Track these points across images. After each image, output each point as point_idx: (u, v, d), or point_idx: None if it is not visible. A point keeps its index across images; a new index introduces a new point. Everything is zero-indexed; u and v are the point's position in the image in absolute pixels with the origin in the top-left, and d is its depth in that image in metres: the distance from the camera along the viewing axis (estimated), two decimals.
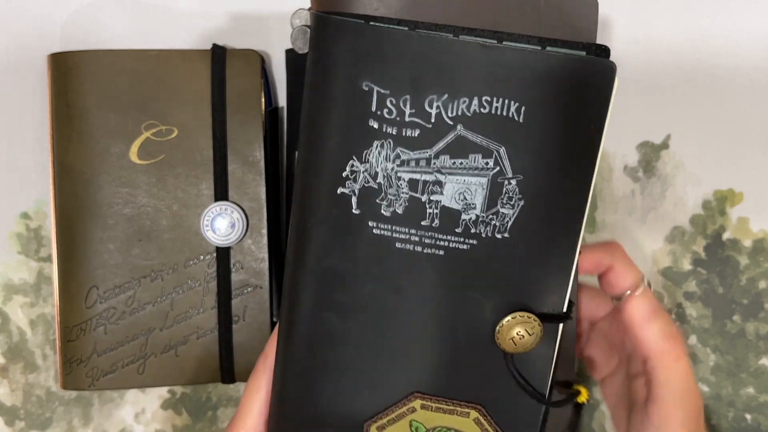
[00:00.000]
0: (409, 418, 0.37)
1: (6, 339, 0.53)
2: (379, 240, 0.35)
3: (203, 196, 0.49)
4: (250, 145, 0.49)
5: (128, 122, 0.49)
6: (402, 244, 0.35)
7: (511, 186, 0.34)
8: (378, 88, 0.33)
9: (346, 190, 0.35)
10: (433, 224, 0.35)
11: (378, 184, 0.34)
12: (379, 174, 0.34)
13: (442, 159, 0.34)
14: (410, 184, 0.34)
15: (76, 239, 0.49)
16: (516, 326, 0.35)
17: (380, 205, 0.35)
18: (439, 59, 0.33)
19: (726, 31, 0.52)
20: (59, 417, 0.53)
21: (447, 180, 0.34)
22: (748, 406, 0.53)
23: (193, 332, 0.50)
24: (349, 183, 0.34)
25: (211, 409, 0.53)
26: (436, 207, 0.35)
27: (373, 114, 0.33)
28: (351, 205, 0.35)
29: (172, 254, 0.49)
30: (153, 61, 0.49)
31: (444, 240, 0.35)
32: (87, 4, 0.52)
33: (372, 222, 0.35)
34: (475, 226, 0.35)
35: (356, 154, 0.34)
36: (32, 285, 0.53)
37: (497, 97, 0.33)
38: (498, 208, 0.35)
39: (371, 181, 0.34)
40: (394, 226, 0.35)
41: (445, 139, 0.34)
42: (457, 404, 0.37)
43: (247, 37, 0.52)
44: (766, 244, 0.52)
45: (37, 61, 0.52)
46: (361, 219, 0.35)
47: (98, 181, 0.49)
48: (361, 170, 0.34)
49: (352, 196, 0.35)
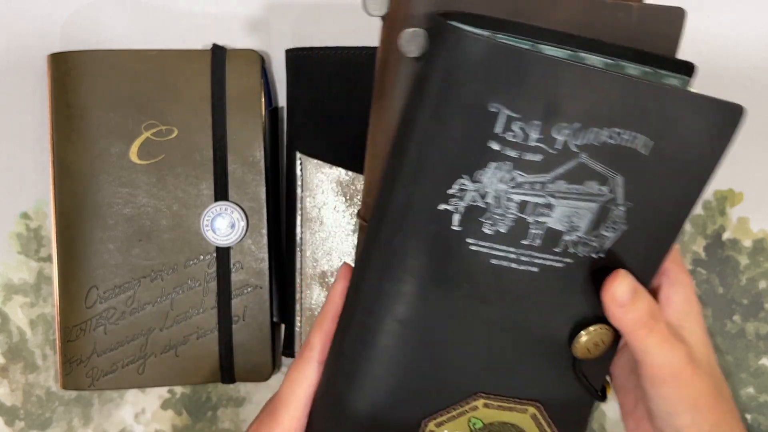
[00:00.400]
0: (469, 416, 0.38)
1: (6, 339, 0.53)
2: (474, 256, 0.35)
3: (203, 196, 0.49)
4: (250, 145, 0.49)
5: (128, 122, 0.49)
6: (497, 260, 0.35)
7: (618, 212, 0.35)
8: (508, 112, 0.32)
9: (450, 207, 0.34)
10: (534, 243, 0.35)
11: (486, 203, 0.34)
12: (489, 194, 0.34)
13: (558, 184, 0.34)
14: (519, 206, 0.34)
15: (76, 239, 0.49)
16: (596, 336, 0.37)
17: (483, 223, 0.34)
18: (579, 89, 0.32)
19: (726, 31, 0.52)
20: (59, 417, 0.53)
21: (558, 204, 0.34)
22: (748, 406, 0.53)
23: (193, 332, 0.50)
24: (453, 200, 0.34)
25: (211, 409, 0.53)
26: (541, 228, 0.35)
27: (494, 135, 0.32)
28: (451, 222, 0.34)
29: (172, 254, 0.49)
30: (153, 61, 0.49)
31: (541, 258, 0.35)
32: (87, 4, 0.52)
33: (471, 239, 0.35)
34: (575, 246, 0.35)
35: (467, 173, 0.33)
36: (32, 285, 0.53)
37: (629, 130, 0.33)
38: (600, 231, 0.35)
39: (479, 200, 0.34)
40: (493, 243, 0.35)
41: (566, 165, 0.34)
42: (516, 401, 0.38)
43: (247, 37, 0.52)
44: (766, 244, 0.52)
45: (37, 61, 0.52)
46: (460, 236, 0.34)
47: (98, 181, 0.49)
48: (471, 189, 0.33)
49: (454, 214, 0.34)
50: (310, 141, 0.50)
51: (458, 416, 0.38)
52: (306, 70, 0.49)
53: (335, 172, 0.50)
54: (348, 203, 0.49)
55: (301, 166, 0.50)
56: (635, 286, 0.35)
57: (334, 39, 0.52)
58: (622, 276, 0.35)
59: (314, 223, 0.50)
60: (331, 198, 0.50)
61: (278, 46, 0.52)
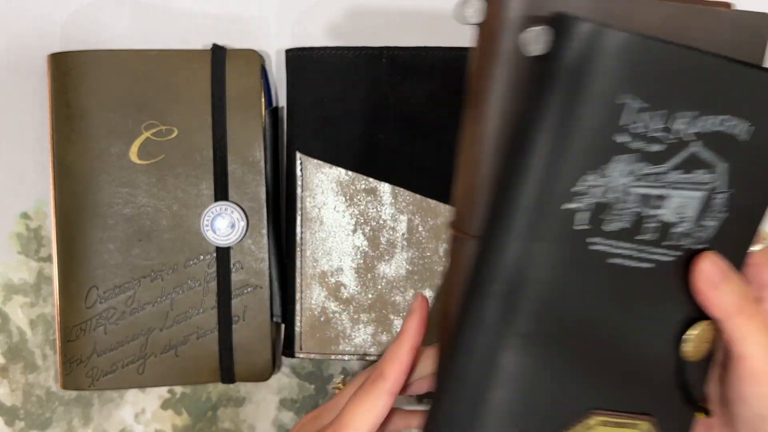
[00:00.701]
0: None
1: (6, 339, 0.53)
2: (593, 256, 0.34)
3: (203, 196, 0.49)
4: (250, 145, 0.49)
5: (128, 122, 0.49)
6: (614, 259, 0.35)
7: (720, 200, 0.35)
8: (637, 103, 0.32)
9: (573, 206, 0.33)
10: (648, 238, 0.35)
11: (608, 199, 0.33)
12: (611, 190, 0.33)
13: (674, 174, 0.34)
14: (638, 199, 0.34)
15: (76, 239, 0.49)
16: (704, 334, 0.36)
17: (605, 221, 0.34)
18: (702, 78, 0.33)
19: None
20: (59, 417, 0.53)
21: (672, 195, 0.35)
22: None
23: (193, 332, 0.50)
24: (577, 198, 0.33)
25: (211, 409, 0.53)
26: (654, 221, 0.35)
27: (620, 128, 0.32)
28: (573, 221, 0.33)
29: (172, 254, 0.49)
30: (153, 61, 0.49)
31: (655, 253, 0.35)
32: (87, 4, 0.52)
33: (591, 238, 0.34)
34: (684, 238, 0.35)
35: (593, 169, 0.33)
36: (32, 285, 0.53)
37: (736, 117, 0.34)
38: (704, 221, 0.36)
39: (602, 196, 0.33)
40: (612, 241, 0.34)
41: (681, 155, 0.34)
42: (630, 416, 0.37)
43: (247, 37, 0.52)
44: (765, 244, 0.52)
45: (37, 61, 0.52)
46: (580, 235, 0.34)
47: (98, 181, 0.49)
48: (596, 185, 0.33)
49: (577, 212, 0.33)
50: (310, 141, 0.50)
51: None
52: (306, 70, 0.50)
53: (335, 172, 0.50)
54: (348, 203, 0.50)
55: (301, 166, 0.50)
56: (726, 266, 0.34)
57: (334, 39, 0.52)
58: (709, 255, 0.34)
59: (314, 223, 0.50)
60: (331, 198, 0.50)
61: (278, 46, 0.52)
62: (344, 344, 0.50)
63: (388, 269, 0.50)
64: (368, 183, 0.50)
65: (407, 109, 0.49)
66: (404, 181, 0.49)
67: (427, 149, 0.49)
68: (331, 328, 0.50)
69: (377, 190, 0.50)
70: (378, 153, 0.49)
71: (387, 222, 0.49)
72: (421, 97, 0.49)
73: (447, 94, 0.49)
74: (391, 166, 0.49)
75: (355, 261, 0.50)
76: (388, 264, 0.50)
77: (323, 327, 0.50)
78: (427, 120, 0.49)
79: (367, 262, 0.50)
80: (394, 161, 0.49)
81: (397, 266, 0.50)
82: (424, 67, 0.49)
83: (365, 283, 0.50)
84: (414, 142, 0.49)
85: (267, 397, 0.53)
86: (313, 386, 0.53)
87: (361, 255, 0.50)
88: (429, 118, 0.49)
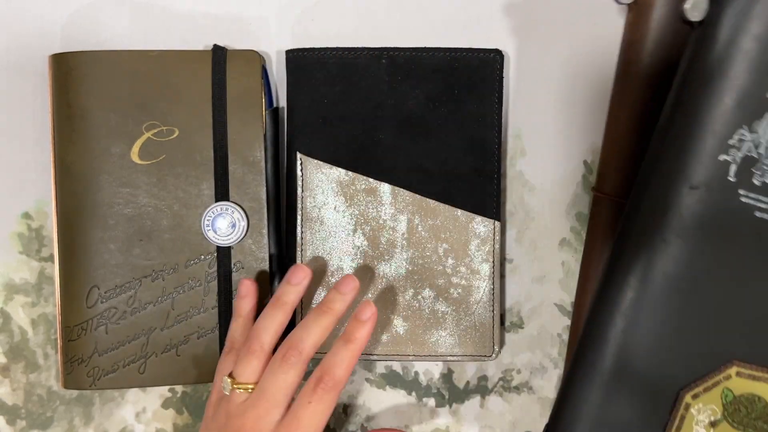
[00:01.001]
0: (723, 386, 0.40)
1: (7, 338, 0.53)
2: (743, 208, 0.38)
3: (204, 196, 0.49)
4: (250, 145, 0.49)
5: (129, 122, 0.49)
6: (762, 213, 0.38)
7: None
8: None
9: (729, 158, 0.38)
10: None
11: (759, 153, 0.38)
12: (762, 144, 0.38)
13: None
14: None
15: (77, 239, 0.49)
16: None
17: (754, 174, 0.38)
18: None
19: None
20: (60, 416, 0.53)
21: None
22: None
23: (194, 332, 0.50)
24: (732, 151, 0.38)
25: None
26: None
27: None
28: (728, 172, 0.38)
29: (173, 254, 0.49)
30: (154, 61, 0.49)
31: None
32: (87, 4, 0.52)
33: (742, 190, 0.38)
34: None
35: (746, 123, 0.37)
36: (33, 285, 0.53)
37: None
38: None
39: (753, 150, 0.37)
40: (760, 195, 0.38)
41: None
42: (767, 371, 0.40)
43: (248, 37, 0.52)
44: None
45: (38, 62, 0.52)
46: (734, 187, 0.38)
47: (99, 181, 0.49)
48: (748, 139, 0.37)
49: (732, 164, 0.38)
50: (311, 141, 0.50)
51: (713, 386, 0.40)
52: (306, 70, 0.50)
53: (335, 172, 0.50)
54: (348, 203, 0.50)
55: (302, 166, 0.50)
56: None
57: (334, 39, 0.52)
58: None
59: (314, 222, 0.50)
60: (331, 198, 0.50)
61: (278, 47, 0.52)
62: None
63: (388, 269, 0.50)
64: (368, 183, 0.50)
65: (407, 110, 0.49)
66: (404, 181, 0.50)
67: (427, 149, 0.49)
68: None
69: (377, 190, 0.50)
70: (378, 153, 0.50)
71: (387, 222, 0.50)
72: (420, 98, 0.49)
73: (447, 95, 0.49)
74: (391, 166, 0.50)
75: (355, 261, 0.50)
76: (388, 264, 0.50)
77: None
78: (427, 120, 0.49)
79: (367, 262, 0.50)
80: (394, 161, 0.50)
81: (397, 266, 0.50)
82: (424, 67, 0.49)
83: (365, 283, 0.50)
84: (414, 142, 0.49)
85: None
86: None
87: (361, 255, 0.50)
88: (429, 119, 0.49)
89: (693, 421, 0.40)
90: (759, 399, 0.40)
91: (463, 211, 0.50)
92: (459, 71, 0.49)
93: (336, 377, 0.44)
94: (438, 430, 0.53)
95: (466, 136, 0.49)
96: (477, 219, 0.50)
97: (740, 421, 0.40)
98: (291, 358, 0.44)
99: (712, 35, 0.38)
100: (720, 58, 0.37)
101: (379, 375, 0.53)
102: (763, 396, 0.40)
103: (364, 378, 0.53)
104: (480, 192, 0.50)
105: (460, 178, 0.49)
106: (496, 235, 0.49)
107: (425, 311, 0.50)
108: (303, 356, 0.44)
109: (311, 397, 0.43)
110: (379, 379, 0.53)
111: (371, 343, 0.50)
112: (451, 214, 0.50)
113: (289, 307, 0.46)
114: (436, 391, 0.53)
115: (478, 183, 0.49)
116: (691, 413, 0.40)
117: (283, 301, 0.46)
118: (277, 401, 0.44)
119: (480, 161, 0.49)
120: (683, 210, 0.38)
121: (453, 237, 0.50)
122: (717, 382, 0.40)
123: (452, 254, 0.50)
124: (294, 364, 0.44)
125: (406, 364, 0.53)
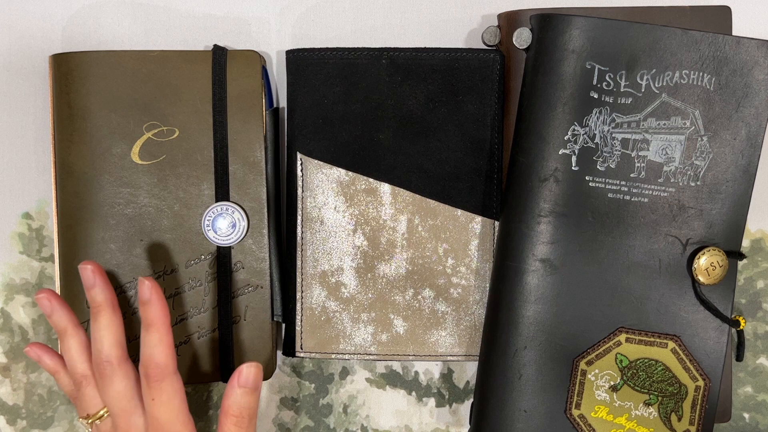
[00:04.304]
0: (614, 352, 0.45)
1: (8, 338, 0.53)
2: (594, 191, 0.45)
3: (204, 196, 0.49)
4: (250, 146, 0.49)
5: (130, 123, 0.49)
6: (613, 194, 0.45)
7: (703, 142, 0.45)
8: (599, 66, 0.44)
9: (567, 151, 0.44)
10: (640, 176, 0.45)
11: (595, 144, 0.45)
12: (596, 135, 0.44)
13: (649, 121, 0.44)
14: (622, 143, 0.45)
15: (77, 239, 0.49)
16: (710, 258, 0.44)
17: (596, 161, 0.45)
18: (650, 42, 0.44)
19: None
20: (60, 416, 0.53)
21: (652, 138, 0.45)
22: (747, 405, 0.53)
23: (194, 332, 0.50)
24: (570, 144, 0.44)
25: (212, 409, 0.53)
26: (643, 161, 0.45)
27: (593, 87, 0.44)
28: (571, 163, 0.45)
29: (174, 254, 0.49)
30: (154, 62, 0.49)
31: (648, 189, 0.45)
32: (88, 5, 0.52)
33: (589, 176, 0.45)
34: (674, 176, 0.45)
35: (577, 120, 0.44)
36: (34, 285, 0.53)
37: (694, 71, 0.44)
38: (693, 161, 0.45)
39: (589, 141, 0.44)
40: (607, 179, 0.45)
41: (652, 104, 0.44)
42: (656, 336, 0.45)
43: (248, 38, 0.52)
44: (764, 244, 0.53)
45: (39, 62, 0.52)
46: (579, 174, 0.45)
47: (100, 181, 0.49)
48: (581, 133, 0.44)
49: (572, 155, 0.44)
50: (311, 141, 0.50)
51: (605, 353, 0.45)
52: (306, 70, 0.50)
53: (335, 172, 0.50)
54: (348, 203, 0.50)
55: (302, 166, 0.50)
56: None
57: (334, 40, 0.52)
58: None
59: (315, 222, 0.50)
60: (331, 198, 0.50)
61: (279, 47, 0.52)
62: (344, 343, 0.50)
63: (388, 269, 0.50)
64: (368, 183, 0.50)
65: (407, 110, 0.49)
66: (404, 181, 0.50)
67: (427, 149, 0.49)
68: (332, 327, 0.50)
69: (377, 191, 0.50)
70: (378, 153, 0.50)
71: (387, 222, 0.50)
72: (420, 98, 0.49)
73: (446, 95, 0.49)
74: (391, 166, 0.50)
75: (355, 261, 0.50)
76: (388, 264, 0.50)
77: (324, 326, 0.50)
78: (427, 120, 0.49)
79: (367, 262, 0.50)
80: (394, 161, 0.50)
81: (397, 266, 0.50)
82: (424, 67, 0.49)
83: (365, 283, 0.50)
84: (414, 142, 0.49)
85: (267, 395, 0.53)
86: (314, 385, 0.53)
87: (361, 255, 0.50)
88: (429, 119, 0.49)
89: (593, 386, 0.45)
90: (656, 363, 0.45)
91: (463, 211, 0.50)
92: (459, 71, 0.49)
93: (160, 364, 0.44)
94: (438, 430, 0.53)
95: (466, 136, 0.49)
96: (477, 219, 0.50)
97: (642, 384, 0.45)
98: (106, 370, 0.45)
99: (535, 57, 0.45)
100: (545, 73, 0.45)
101: (379, 375, 0.53)
102: (660, 359, 0.45)
103: (364, 378, 0.53)
104: (480, 192, 0.50)
105: (460, 178, 0.49)
106: (496, 235, 0.49)
107: (425, 311, 0.50)
108: (113, 360, 0.45)
109: (151, 393, 0.44)
110: (379, 379, 0.53)
111: (371, 342, 0.50)
112: (451, 214, 0.50)
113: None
114: (436, 391, 0.53)
115: (478, 183, 0.50)
116: (589, 379, 0.45)
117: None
118: (127, 410, 0.45)
119: (480, 161, 0.49)
120: (539, 199, 0.45)
121: (453, 237, 0.50)
122: (608, 348, 0.45)
123: (452, 254, 0.50)
124: (110, 373, 0.45)
125: (406, 364, 0.53)
